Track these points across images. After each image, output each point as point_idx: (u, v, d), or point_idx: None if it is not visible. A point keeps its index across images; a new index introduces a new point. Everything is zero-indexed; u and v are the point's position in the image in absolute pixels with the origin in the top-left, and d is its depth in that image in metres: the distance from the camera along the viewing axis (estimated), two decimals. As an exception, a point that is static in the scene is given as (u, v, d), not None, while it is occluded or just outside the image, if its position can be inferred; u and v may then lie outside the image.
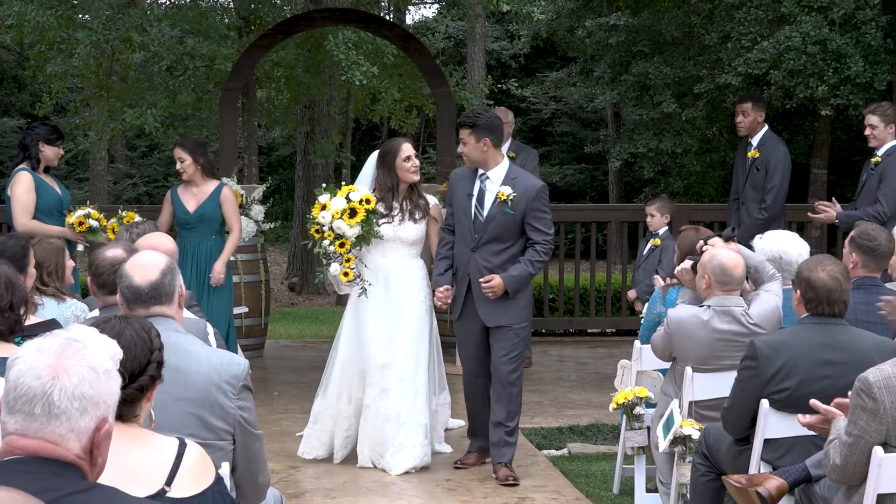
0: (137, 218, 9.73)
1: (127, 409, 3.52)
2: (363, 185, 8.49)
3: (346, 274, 8.23)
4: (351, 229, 8.15)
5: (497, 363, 8.17)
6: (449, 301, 8.26)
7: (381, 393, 8.27)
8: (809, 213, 10.47)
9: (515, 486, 7.94)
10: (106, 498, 2.80)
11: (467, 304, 8.21)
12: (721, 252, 6.84)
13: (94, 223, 9.83)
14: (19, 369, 2.71)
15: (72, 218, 9.81)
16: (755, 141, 10.76)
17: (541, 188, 8.20)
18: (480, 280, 8.03)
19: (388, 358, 8.29)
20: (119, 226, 9.57)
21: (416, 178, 8.42)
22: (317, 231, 8.25)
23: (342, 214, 8.14)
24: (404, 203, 8.40)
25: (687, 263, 7.13)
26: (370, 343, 8.33)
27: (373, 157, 8.61)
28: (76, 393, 2.70)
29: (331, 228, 8.17)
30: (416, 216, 8.42)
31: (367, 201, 8.18)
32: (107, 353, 2.84)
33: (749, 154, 10.77)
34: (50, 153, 9.77)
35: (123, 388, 3.43)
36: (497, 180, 8.14)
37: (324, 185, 8.77)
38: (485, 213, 8.11)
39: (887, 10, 13.67)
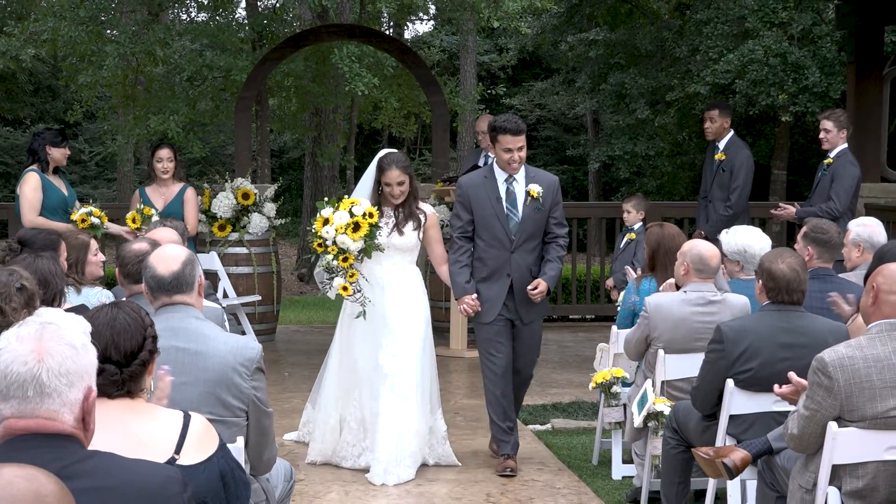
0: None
1: (133, 385, 3.53)
2: (366, 187, 7.80)
3: (345, 288, 7.47)
4: (354, 244, 7.41)
5: (525, 360, 7.78)
6: (479, 309, 7.62)
7: (386, 403, 7.51)
8: (772, 211, 10.56)
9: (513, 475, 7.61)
10: (107, 461, 2.81)
11: (505, 306, 7.62)
12: (700, 243, 6.89)
13: (95, 220, 9.94)
14: (5, 359, 2.70)
15: (75, 215, 9.92)
16: (722, 145, 10.79)
17: (558, 181, 7.79)
18: (530, 289, 7.49)
19: (391, 368, 7.54)
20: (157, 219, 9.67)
21: (397, 202, 7.67)
22: (319, 245, 7.52)
23: (346, 229, 7.43)
24: (398, 212, 7.69)
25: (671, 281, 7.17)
26: (370, 354, 7.61)
27: (375, 161, 7.85)
28: (62, 370, 2.70)
29: (334, 243, 7.44)
30: (411, 226, 7.71)
31: (370, 215, 7.47)
32: (79, 329, 2.84)
33: (716, 157, 10.79)
34: (57, 154, 9.90)
35: (127, 366, 3.48)
36: (522, 181, 7.59)
37: (325, 198, 7.90)
38: (519, 213, 7.55)
39: (841, 25, 13.68)
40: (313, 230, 7.58)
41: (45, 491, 2.26)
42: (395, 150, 7.99)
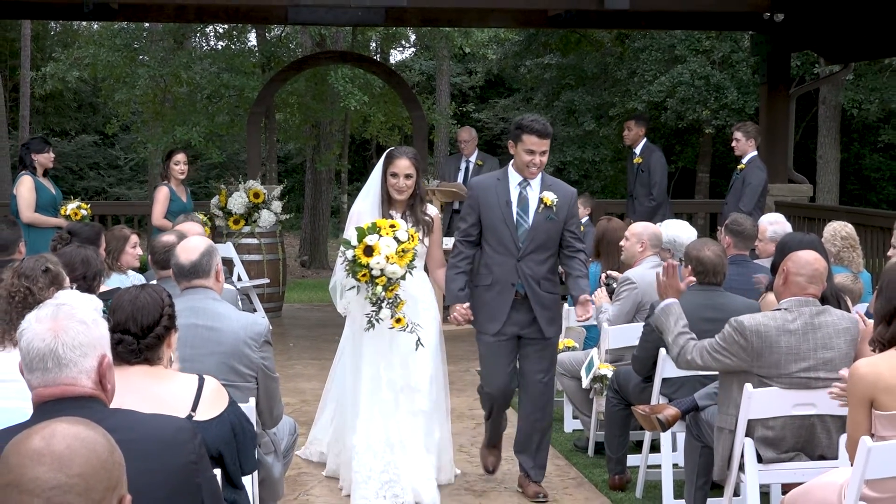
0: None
1: (150, 354, 3.51)
2: (374, 186, 6.18)
3: (398, 320, 5.78)
4: (401, 270, 5.72)
5: (536, 382, 6.13)
6: (471, 318, 6.04)
7: (411, 418, 6.03)
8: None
9: (545, 502, 6.15)
10: (127, 417, 2.80)
11: (511, 318, 6.03)
12: (650, 225, 7.21)
13: (84, 213, 10.03)
14: (27, 338, 2.69)
15: (67, 210, 9.92)
16: (638, 150, 11.14)
17: (575, 193, 6.21)
18: (581, 313, 5.97)
19: (411, 380, 6.02)
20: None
21: (399, 197, 6.09)
22: (363, 275, 5.71)
23: (395, 257, 5.70)
24: (405, 218, 6.08)
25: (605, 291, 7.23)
26: (387, 367, 6.00)
27: (381, 164, 6.27)
28: (75, 343, 2.68)
29: (382, 272, 5.68)
30: (420, 232, 6.05)
31: (412, 238, 5.81)
32: (90, 306, 2.82)
33: (634, 161, 11.01)
34: (42, 159, 9.71)
35: (143, 337, 3.48)
36: (536, 187, 6.01)
37: (366, 225, 5.84)
38: (530, 220, 5.97)
39: (755, 52, 13.74)
40: (353, 257, 5.74)
41: (103, 437, 2.22)
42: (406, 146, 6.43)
